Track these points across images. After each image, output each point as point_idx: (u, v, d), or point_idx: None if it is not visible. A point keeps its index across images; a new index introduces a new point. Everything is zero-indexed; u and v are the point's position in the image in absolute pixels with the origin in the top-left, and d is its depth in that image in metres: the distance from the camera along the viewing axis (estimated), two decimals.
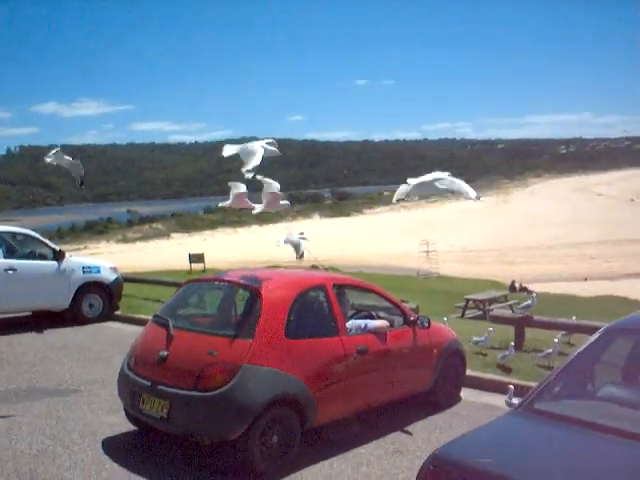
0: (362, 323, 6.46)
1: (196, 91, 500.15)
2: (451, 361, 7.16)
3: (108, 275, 12.59)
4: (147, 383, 5.48)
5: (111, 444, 5.92)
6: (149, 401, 5.42)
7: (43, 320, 11.89)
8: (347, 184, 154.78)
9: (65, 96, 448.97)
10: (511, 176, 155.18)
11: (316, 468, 5.40)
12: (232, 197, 6.88)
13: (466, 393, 7.42)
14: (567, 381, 4.03)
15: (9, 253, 11.42)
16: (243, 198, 7.14)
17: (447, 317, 10.81)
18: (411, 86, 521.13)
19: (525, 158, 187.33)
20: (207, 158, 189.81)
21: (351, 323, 6.36)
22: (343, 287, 6.72)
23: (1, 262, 11.03)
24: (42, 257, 11.79)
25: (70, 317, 11.94)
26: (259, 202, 8.39)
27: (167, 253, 56.69)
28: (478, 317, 17.54)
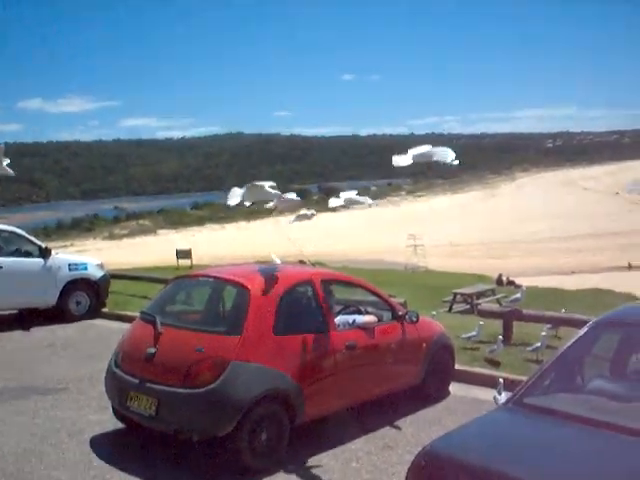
0: (350, 318, 6.44)
1: (183, 87, 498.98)
2: (440, 355, 7.15)
3: (95, 272, 12.50)
4: (135, 380, 5.44)
5: (99, 442, 5.88)
6: (137, 398, 5.38)
7: (30, 318, 11.79)
8: (334, 179, 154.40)
9: (51, 92, 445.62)
10: (498, 170, 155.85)
11: (306, 464, 5.38)
12: (276, 200, 6.74)
13: (455, 387, 7.42)
14: (556, 375, 4.04)
15: None
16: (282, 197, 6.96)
17: (436, 311, 10.83)
18: (398, 81, 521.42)
19: (512, 152, 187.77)
20: (193, 154, 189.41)
21: (339, 318, 6.33)
22: (331, 282, 6.70)
23: None
24: (28, 254, 11.68)
25: (57, 314, 11.84)
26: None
27: (154, 249, 56.47)
28: (466, 311, 17.56)
